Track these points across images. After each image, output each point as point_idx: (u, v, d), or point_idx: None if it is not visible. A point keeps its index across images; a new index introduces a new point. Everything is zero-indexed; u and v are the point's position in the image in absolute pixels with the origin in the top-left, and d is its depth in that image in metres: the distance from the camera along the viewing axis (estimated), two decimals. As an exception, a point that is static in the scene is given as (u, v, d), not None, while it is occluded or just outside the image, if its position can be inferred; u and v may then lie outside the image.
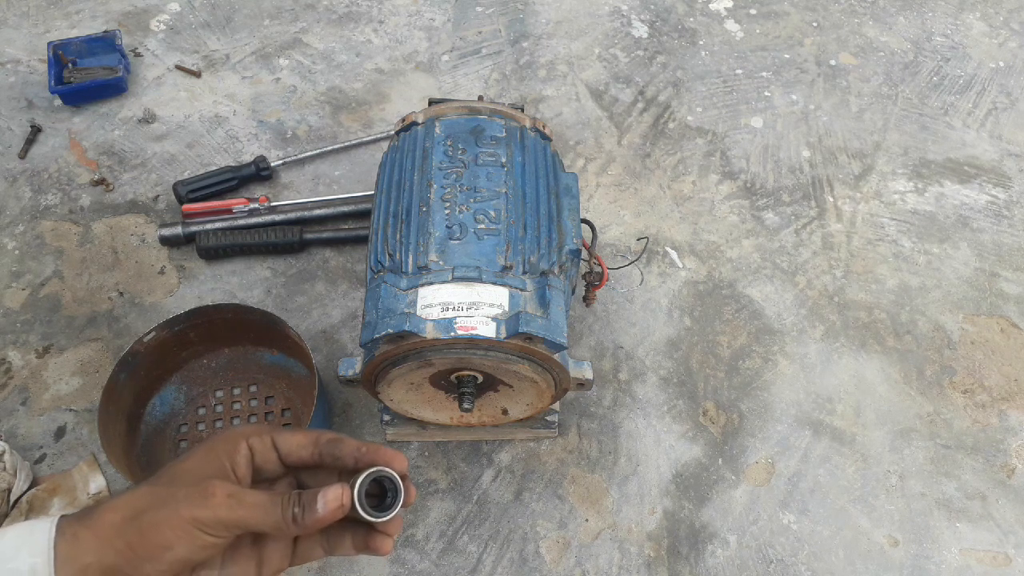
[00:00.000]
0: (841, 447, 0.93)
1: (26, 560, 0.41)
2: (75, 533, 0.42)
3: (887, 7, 1.42)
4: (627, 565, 0.85)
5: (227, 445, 0.47)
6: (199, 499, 0.43)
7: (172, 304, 1.01)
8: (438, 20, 1.36)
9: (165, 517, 0.42)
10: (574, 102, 1.26)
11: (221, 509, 0.43)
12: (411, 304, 0.69)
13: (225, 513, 0.43)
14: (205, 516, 0.42)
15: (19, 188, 1.12)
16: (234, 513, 0.43)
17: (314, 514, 0.44)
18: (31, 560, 0.41)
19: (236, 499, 0.43)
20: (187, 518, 0.42)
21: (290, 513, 0.44)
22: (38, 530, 0.42)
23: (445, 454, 0.91)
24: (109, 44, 1.23)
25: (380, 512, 0.46)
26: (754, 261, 1.09)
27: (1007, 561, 0.86)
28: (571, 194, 0.84)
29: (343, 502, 0.45)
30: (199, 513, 0.42)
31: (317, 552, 0.49)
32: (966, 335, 1.03)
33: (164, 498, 0.43)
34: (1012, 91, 1.30)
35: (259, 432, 0.48)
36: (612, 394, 0.96)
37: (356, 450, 0.47)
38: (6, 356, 0.97)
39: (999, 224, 1.14)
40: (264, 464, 0.48)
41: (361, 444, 0.48)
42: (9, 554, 0.41)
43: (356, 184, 1.13)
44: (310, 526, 0.44)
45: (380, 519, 0.46)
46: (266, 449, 0.48)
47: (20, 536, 0.42)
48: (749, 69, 1.32)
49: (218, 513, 0.43)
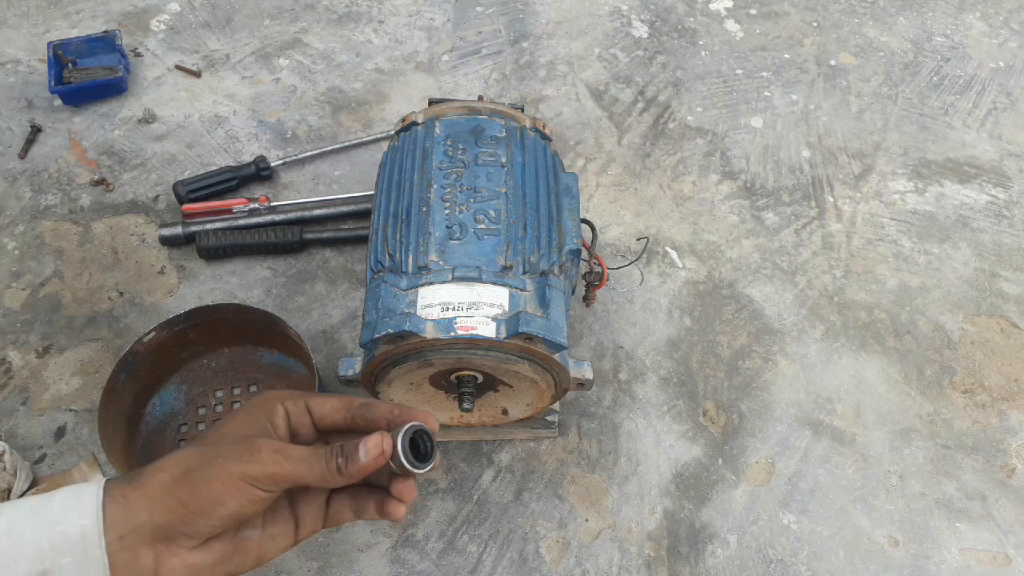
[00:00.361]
0: (841, 447, 0.93)
1: (75, 523, 0.42)
2: (124, 494, 0.43)
3: (887, 7, 1.42)
4: (627, 565, 0.85)
5: (265, 408, 0.49)
6: (247, 455, 0.45)
7: (172, 304, 1.01)
8: (438, 20, 1.36)
9: (216, 473, 0.44)
10: (574, 102, 1.26)
11: (269, 464, 0.45)
12: (411, 304, 0.69)
13: (273, 467, 0.45)
14: (254, 471, 0.44)
15: (19, 188, 1.12)
16: (281, 467, 0.45)
17: (357, 462, 0.46)
18: (80, 522, 0.42)
19: (282, 454, 0.45)
20: (237, 473, 0.44)
21: (334, 463, 0.46)
22: (86, 493, 0.43)
23: (445, 454, 0.91)
24: (109, 44, 1.23)
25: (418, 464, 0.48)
26: (754, 261, 1.09)
27: (1007, 561, 0.86)
28: (571, 194, 0.84)
29: (384, 449, 0.47)
30: (248, 468, 0.44)
31: (347, 515, 0.51)
32: (966, 335, 1.03)
33: (212, 456, 0.44)
34: (1012, 91, 1.30)
35: (293, 396, 0.50)
36: (612, 394, 0.96)
37: (389, 412, 0.49)
38: (6, 356, 0.97)
39: (999, 224, 1.14)
40: (298, 428, 0.50)
41: (394, 407, 0.50)
42: (58, 517, 0.42)
43: (356, 184, 1.13)
44: (353, 474, 0.46)
45: (419, 469, 0.48)
46: (300, 413, 0.50)
47: (68, 500, 0.43)
48: (749, 69, 1.32)
49: (266, 468, 0.44)
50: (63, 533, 0.42)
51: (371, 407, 0.50)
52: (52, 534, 0.42)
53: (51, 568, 0.42)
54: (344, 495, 0.51)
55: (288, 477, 0.45)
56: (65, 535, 0.42)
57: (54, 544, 0.42)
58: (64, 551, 0.42)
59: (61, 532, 0.42)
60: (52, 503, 0.43)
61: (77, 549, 0.42)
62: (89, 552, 0.42)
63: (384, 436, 0.47)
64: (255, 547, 0.48)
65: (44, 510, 0.43)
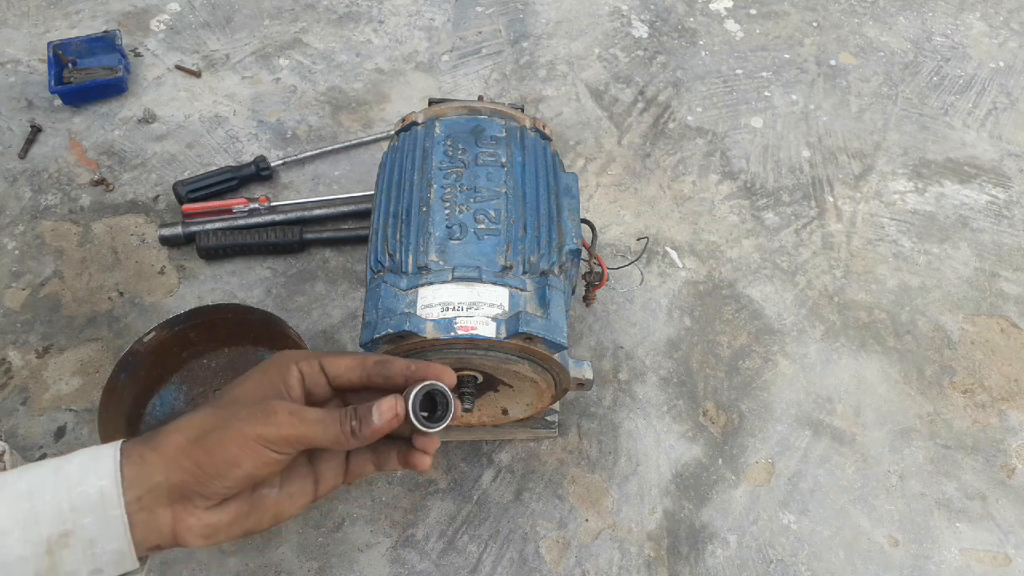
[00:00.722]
0: (841, 447, 0.93)
1: (94, 483, 0.42)
2: (141, 455, 0.44)
3: (887, 7, 1.42)
4: (627, 565, 0.85)
5: (279, 369, 0.48)
6: (262, 417, 0.45)
7: (172, 304, 1.01)
8: (438, 20, 1.36)
9: (231, 435, 0.44)
10: (574, 102, 1.26)
11: (284, 426, 0.45)
12: (411, 304, 0.69)
13: (288, 430, 0.45)
14: (269, 433, 0.44)
15: (19, 188, 1.12)
16: (296, 429, 0.45)
17: (370, 425, 0.46)
18: (99, 483, 0.43)
19: (297, 416, 0.46)
20: (252, 435, 0.44)
21: (348, 426, 0.46)
22: (104, 455, 0.44)
23: (445, 454, 0.91)
24: (109, 44, 1.23)
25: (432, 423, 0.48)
26: (754, 261, 1.09)
27: (1007, 561, 0.86)
28: (571, 194, 0.84)
29: (398, 411, 0.47)
30: (263, 430, 0.44)
31: (368, 468, 0.52)
32: (966, 335, 1.03)
33: (227, 418, 0.45)
34: (1012, 91, 1.30)
35: (307, 356, 0.50)
36: (612, 394, 0.96)
37: (406, 368, 0.49)
38: (6, 356, 0.97)
39: (999, 224, 1.14)
40: (313, 388, 0.49)
41: (411, 362, 0.49)
42: (76, 479, 0.43)
43: (356, 184, 1.13)
44: (368, 437, 0.47)
45: (433, 429, 0.47)
46: (315, 373, 0.49)
47: (86, 462, 0.43)
48: (749, 69, 1.32)
49: (282, 430, 0.45)
50: (83, 494, 0.42)
51: (387, 364, 0.49)
52: (72, 495, 0.42)
53: (72, 528, 0.42)
54: (364, 449, 0.51)
55: (303, 439, 0.46)
56: (85, 496, 0.42)
57: (74, 505, 0.42)
58: (84, 511, 0.42)
59: (81, 493, 0.42)
60: (70, 465, 0.43)
61: (97, 509, 0.42)
62: (109, 512, 0.42)
63: (398, 399, 0.47)
64: (272, 505, 0.48)
65: (63, 472, 0.43)
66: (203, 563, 0.83)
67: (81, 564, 0.43)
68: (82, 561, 0.43)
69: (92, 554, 0.43)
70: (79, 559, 0.43)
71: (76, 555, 0.42)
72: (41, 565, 0.42)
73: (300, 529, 0.85)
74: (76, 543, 0.42)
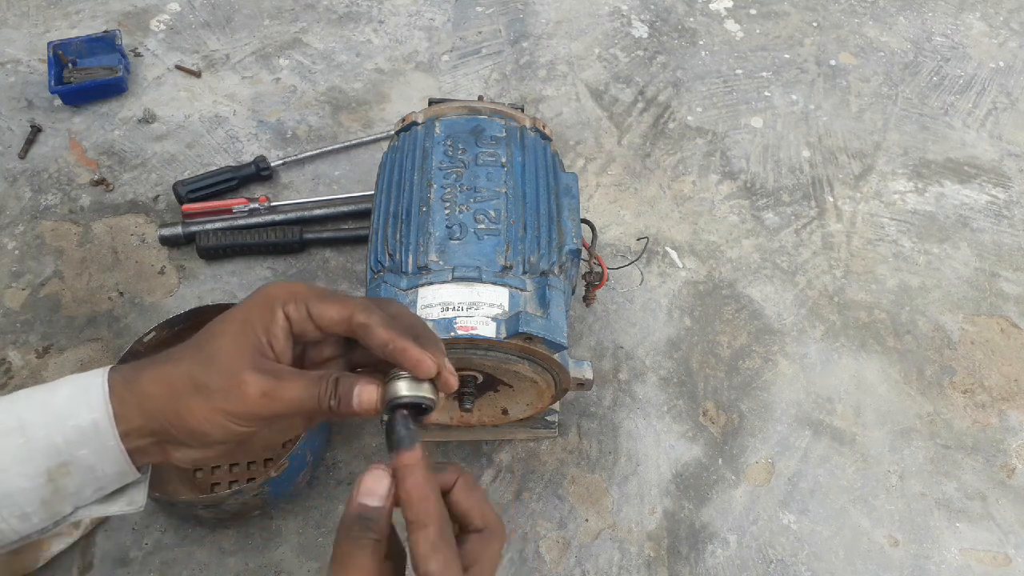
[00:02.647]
0: (841, 447, 0.93)
1: (86, 416, 0.42)
2: (122, 397, 0.43)
3: (887, 7, 1.42)
4: (627, 565, 0.85)
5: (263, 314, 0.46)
6: (234, 395, 0.43)
7: (172, 304, 1.01)
8: (438, 20, 1.36)
9: (199, 407, 0.43)
10: (574, 102, 1.26)
11: (255, 406, 0.43)
12: (411, 304, 0.69)
13: (259, 409, 0.43)
14: (239, 411, 0.43)
15: (19, 188, 1.12)
16: (268, 409, 0.44)
17: (349, 408, 0.44)
18: (91, 416, 0.42)
19: (270, 396, 0.44)
20: (219, 411, 0.43)
21: (327, 403, 0.44)
22: (91, 386, 0.43)
23: (445, 454, 0.91)
24: (109, 44, 1.23)
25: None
26: (754, 261, 1.09)
27: (1007, 561, 0.86)
28: (571, 194, 0.84)
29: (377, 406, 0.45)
30: (233, 408, 0.43)
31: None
32: (966, 335, 1.03)
33: (199, 386, 0.43)
34: (1012, 91, 1.30)
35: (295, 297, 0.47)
36: (612, 394, 0.96)
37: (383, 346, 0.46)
38: (6, 356, 0.97)
39: (999, 224, 1.14)
40: (303, 332, 0.47)
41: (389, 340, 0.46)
42: (67, 411, 0.42)
43: (356, 184, 1.13)
44: (344, 416, 0.45)
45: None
46: (303, 319, 0.47)
47: (74, 394, 0.43)
48: (749, 69, 1.32)
49: (252, 408, 0.43)
50: (76, 427, 0.42)
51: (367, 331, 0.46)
52: (65, 428, 0.42)
53: (70, 459, 0.42)
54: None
55: (275, 416, 0.44)
56: (78, 429, 0.42)
57: (68, 438, 0.42)
58: (79, 443, 0.42)
59: (74, 427, 0.42)
60: (57, 397, 0.43)
61: (92, 440, 0.42)
62: (104, 442, 0.42)
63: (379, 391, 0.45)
64: (261, 440, 0.47)
65: (50, 405, 0.43)
66: (203, 563, 0.83)
67: (84, 486, 0.43)
68: (84, 484, 0.43)
69: (93, 477, 0.43)
70: (81, 482, 0.43)
71: (77, 480, 0.43)
72: (45, 492, 0.43)
73: (300, 529, 0.85)
74: (76, 470, 0.43)
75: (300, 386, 0.44)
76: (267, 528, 0.85)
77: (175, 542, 0.84)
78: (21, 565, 0.79)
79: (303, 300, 0.46)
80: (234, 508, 0.80)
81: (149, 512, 0.85)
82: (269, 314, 0.46)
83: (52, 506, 0.43)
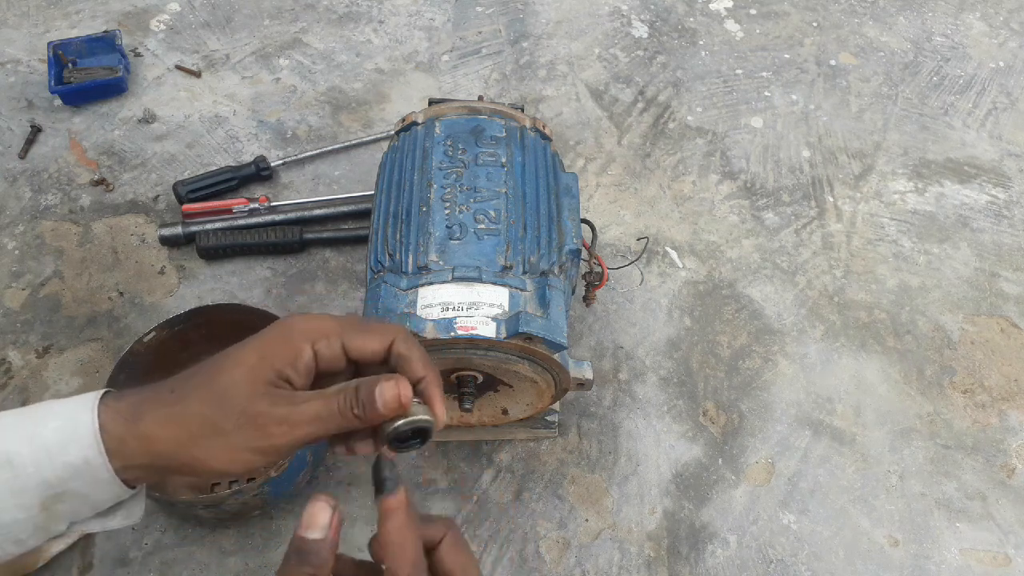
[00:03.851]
0: (841, 447, 0.93)
1: (76, 453, 0.41)
2: (122, 438, 0.42)
3: (887, 7, 1.42)
4: (627, 565, 0.85)
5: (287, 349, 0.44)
6: (252, 431, 0.42)
7: (172, 304, 1.01)
8: (438, 20, 1.36)
9: (219, 450, 0.42)
10: (574, 102, 1.26)
11: (276, 437, 0.43)
12: (411, 304, 0.69)
13: (280, 440, 0.43)
14: (261, 446, 0.43)
15: (19, 188, 1.12)
16: (290, 436, 0.43)
17: (375, 411, 0.43)
18: (82, 453, 0.41)
19: (289, 423, 0.43)
20: (243, 448, 0.42)
21: (351, 413, 0.43)
22: (80, 423, 0.42)
23: (445, 454, 0.91)
24: (109, 44, 1.23)
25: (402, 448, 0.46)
26: (754, 261, 1.09)
27: (1007, 561, 0.86)
28: (571, 194, 0.84)
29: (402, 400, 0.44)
30: (255, 444, 0.43)
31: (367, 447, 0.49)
32: (966, 335, 1.03)
33: (215, 427, 0.42)
34: (1012, 91, 1.30)
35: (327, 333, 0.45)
36: (612, 394, 0.96)
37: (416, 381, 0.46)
38: (6, 356, 0.97)
39: (999, 224, 1.14)
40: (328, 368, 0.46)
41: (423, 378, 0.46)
42: (56, 448, 0.41)
43: (356, 184, 1.13)
44: (372, 421, 0.44)
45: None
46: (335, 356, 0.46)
47: (62, 429, 0.42)
48: (749, 69, 1.32)
49: (274, 441, 0.43)
50: (66, 464, 0.41)
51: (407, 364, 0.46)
52: (55, 465, 0.41)
53: (62, 491, 0.42)
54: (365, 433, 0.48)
55: (299, 443, 0.44)
56: (69, 465, 0.41)
57: (60, 475, 0.41)
58: (71, 478, 0.42)
59: (64, 464, 0.41)
60: (45, 431, 0.42)
61: (84, 474, 0.42)
62: (97, 476, 0.42)
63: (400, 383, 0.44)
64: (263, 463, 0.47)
65: (38, 440, 0.42)
66: (203, 563, 0.83)
67: (79, 509, 0.43)
68: (79, 508, 0.43)
69: (88, 503, 0.43)
70: (76, 507, 0.43)
71: (72, 506, 0.43)
72: (39, 520, 0.42)
73: (300, 529, 0.85)
74: (69, 499, 0.42)
75: (319, 405, 0.44)
76: (267, 528, 0.85)
77: (175, 542, 0.84)
78: (21, 565, 0.79)
79: (336, 335, 0.45)
80: (234, 508, 0.80)
81: (149, 512, 0.85)
82: (292, 350, 0.44)
83: (47, 529, 0.43)
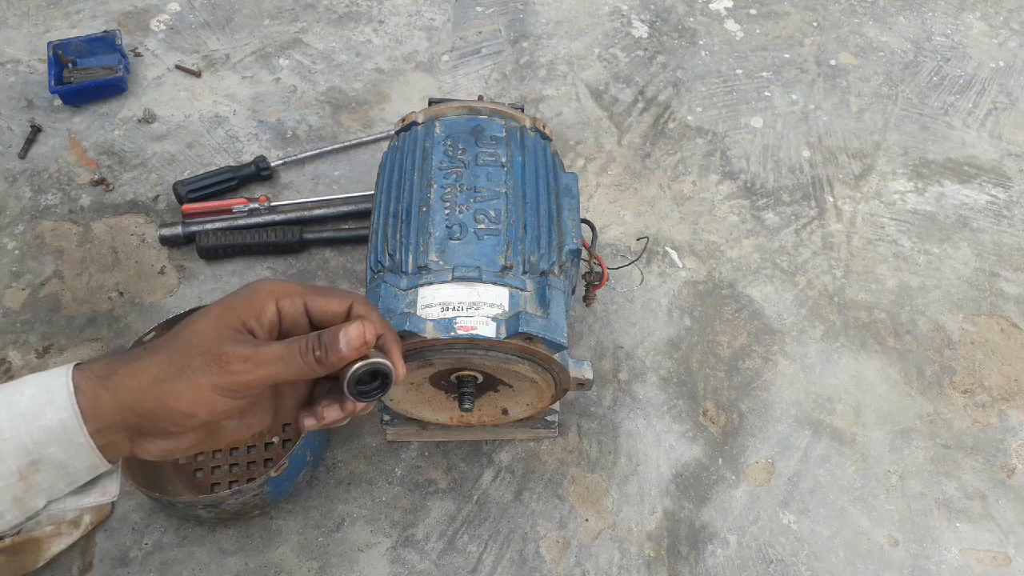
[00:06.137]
0: (841, 447, 0.93)
1: (52, 416, 0.42)
2: (95, 395, 0.43)
3: (887, 7, 1.42)
4: (627, 565, 0.85)
5: (250, 305, 0.46)
6: (216, 367, 0.43)
7: (172, 304, 1.01)
8: (438, 20, 1.36)
9: (185, 387, 0.43)
10: (574, 102, 1.26)
11: (240, 374, 0.43)
12: (411, 304, 0.69)
13: (244, 376, 0.43)
14: (226, 382, 0.43)
15: (19, 188, 1.12)
16: (253, 375, 0.44)
17: (337, 352, 0.45)
18: (57, 416, 0.42)
19: (253, 361, 0.44)
20: (208, 386, 0.43)
21: (312, 356, 0.45)
22: (55, 387, 0.43)
23: (445, 454, 0.91)
24: (109, 44, 1.23)
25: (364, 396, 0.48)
26: (754, 261, 1.09)
27: (1007, 561, 0.86)
28: (571, 194, 0.84)
29: (367, 339, 0.45)
30: (219, 380, 0.43)
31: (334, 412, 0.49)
32: (966, 335, 1.03)
33: (181, 367, 0.43)
34: (1012, 91, 1.30)
35: (290, 293, 0.47)
36: (612, 394, 0.96)
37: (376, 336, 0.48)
38: (6, 356, 0.97)
39: (999, 224, 1.14)
40: (293, 327, 0.47)
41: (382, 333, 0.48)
42: (32, 413, 0.42)
43: (356, 184, 1.13)
44: (334, 364, 0.45)
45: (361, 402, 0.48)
46: (298, 314, 0.47)
47: (37, 396, 0.43)
48: (749, 69, 1.32)
49: (238, 378, 0.43)
50: (43, 428, 0.42)
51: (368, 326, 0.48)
52: (32, 430, 0.42)
53: (39, 458, 0.42)
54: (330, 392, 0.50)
55: (262, 382, 0.44)
56: (46, 429, 0.42)
57: (36, 439, 0.42)
58: (48, 443, 0.42)
59: (41, 427, 0.42)
60: (22, 397, 0.43)
61: (60, 439, 0.42)
62: (73, 440, 0.42)
63: (367, 324, 0.45)
64: (230, 433, 0.48)
65: (15, 407, 0.42)
66: (203, 563, 0.83)
67: (56, 481, 0.44)
68: (56, 479, 0.43)
69: (64, 472, 0.43)
70: (53, 478, 0.43)
71: (49, 476, 0.43)
72: (17, 490, 0.43)
73: (300, 529, 0.85)
74: (46, 467, 0.43)
75: (280, 347, 0.45)
76: (267, 528, 0.85)
77: (175, 542, 0.84)
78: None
79: (299, 296, 0.47)
80: (234, 508, 0.80)
81: (149, 512, 0.85)
82: (256, 305, 0.46)
83: (25, 503, 0.43)
